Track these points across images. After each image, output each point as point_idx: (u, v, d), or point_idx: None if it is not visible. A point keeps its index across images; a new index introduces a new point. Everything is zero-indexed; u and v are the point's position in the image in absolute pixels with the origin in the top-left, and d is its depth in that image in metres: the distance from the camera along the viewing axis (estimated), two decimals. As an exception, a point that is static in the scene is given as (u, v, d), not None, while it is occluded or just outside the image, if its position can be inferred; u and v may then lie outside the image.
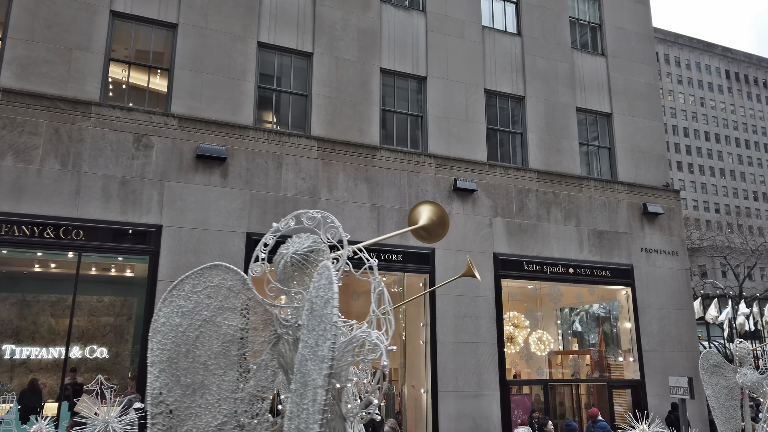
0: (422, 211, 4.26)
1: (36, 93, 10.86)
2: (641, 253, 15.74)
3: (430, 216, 4.19)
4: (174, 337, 2.88)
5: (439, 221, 4.20)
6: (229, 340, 3.01)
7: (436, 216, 4.20)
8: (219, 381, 2.88)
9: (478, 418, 12.87)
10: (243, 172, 12.11)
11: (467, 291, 13.47)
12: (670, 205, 16.55)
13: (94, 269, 12.50)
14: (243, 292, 3.11)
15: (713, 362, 7.74)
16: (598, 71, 17.00)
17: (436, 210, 4.24)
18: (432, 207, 4.28)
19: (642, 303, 15.35)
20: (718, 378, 7.68)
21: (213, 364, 2.88)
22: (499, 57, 15.66)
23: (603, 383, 14.77)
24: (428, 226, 4.21)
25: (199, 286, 3.12)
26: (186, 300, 3.03)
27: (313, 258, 3.26)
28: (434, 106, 14.44)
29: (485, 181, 14.36)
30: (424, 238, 4.41)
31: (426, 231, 4.28)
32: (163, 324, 2.94)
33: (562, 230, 14.96)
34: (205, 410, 2.71)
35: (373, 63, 14.03)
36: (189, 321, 2.95)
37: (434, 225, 4.19)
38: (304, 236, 3.35)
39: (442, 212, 4.27)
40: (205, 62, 12.39)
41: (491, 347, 13.41)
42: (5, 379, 11.55)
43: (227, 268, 3.12)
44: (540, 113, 15.71)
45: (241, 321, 3.08)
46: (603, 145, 16.63)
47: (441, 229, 4.26)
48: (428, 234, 4.34)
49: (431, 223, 4.19)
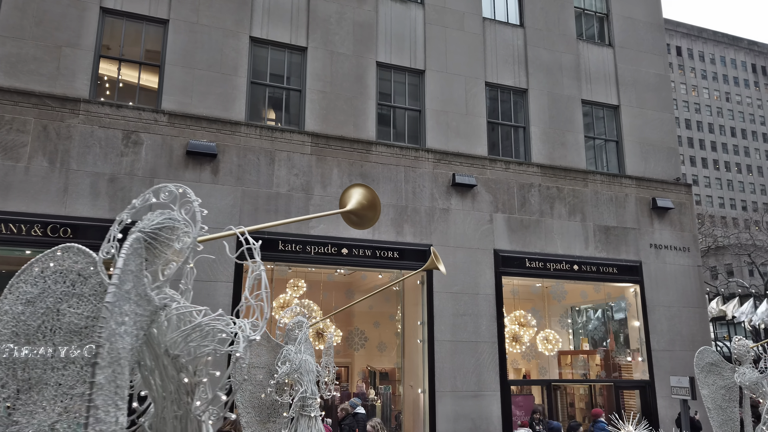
0: (352, 194, 3.99)
1: (25, 90, 10.83)
2: (650, 249, 15.20)
3: (359, 200, 3.92)
4: (14, 327, 2.67)
5: (369, 205, 3.92)
6: (73, 330, 2.76)
7: (366, 200, 3.92)
8: (58, 376, 2.64)
9: (477, 419, 12.51)
10: (234, 168, 11.94)
11: (466, 288, 13.12)
12: (681, 199, 15.97)
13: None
14: (93, 276, 2.83)
15: (710, 360, 7.30)
16: (605, 62, 16.49)
17: (366, 193, 3.96)
18: (363, 190, 4.00)
19: (651, 301, 14.81)
20: (714, 377, 7.24)
21: (53, 357, 2.64)
22: (500, 49, 15.28)
23: (609, 384, 14.28)
24: (357, 211, 3.93)
25: (47, 270, 2.88)
26: (33, 285, 2.81)
27: (164, 236, 2.94)
28: (432, 99, 14.12)
29: (485, 176, 13.99)
30: (355, 223, 4.13)
31: (356, 216, 4.01)
32: (5, 312, 2.72)
33: (567, 226, 14.51)
34: (40, 408, 2.50)
35: (369, 57, 13.77)
36: (32, 309, 2.73)
37: (364, 209, 3.91)
38: (157, 212, 3.01)
39: (373, 195, 3.99)
40: (197, 58, 12.26)
41: (491, 346, 13.04)
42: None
43: (79, 250, 2.86)
44: (543, 106, 15.28)
45: (89, 309, 2.82)
46: (610, 138, 16.12)
47: (372, 213, 3.98)
48: (359, 219, 4.06)
49: (360, 207, 3.91)
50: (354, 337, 13.16)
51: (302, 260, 12.09)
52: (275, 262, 11.99)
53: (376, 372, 14.02)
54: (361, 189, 3.98)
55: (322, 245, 12.17)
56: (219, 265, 11.39)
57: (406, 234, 12.96)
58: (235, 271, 11.46)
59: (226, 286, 11.34)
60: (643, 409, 13.92)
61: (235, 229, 3.32)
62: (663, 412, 13.89)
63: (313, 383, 5.30)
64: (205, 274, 11.26)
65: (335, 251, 12.26)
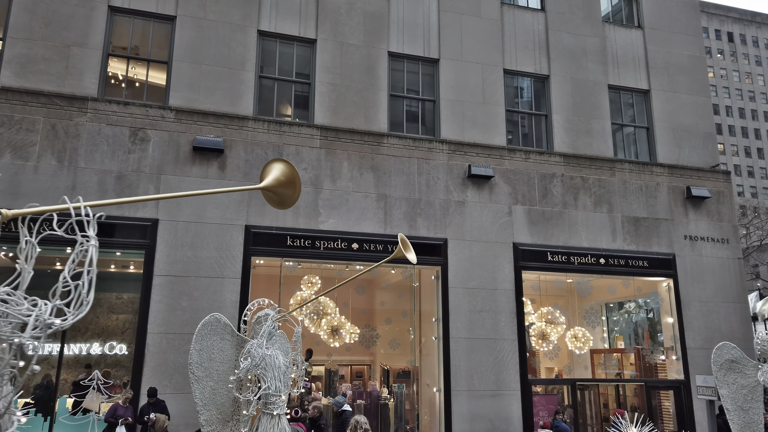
0: (270, 170, 3.64)
1: (34, 90, 10.95)
2: (685, 240, 14.31)
3: (276, 176, 3.57)
4: None
5: (287, 182, 3.57)
6: None
7: (284, 176, 3.56)
8: None
9: (496, 420, 11.99)
10: (242, 163, 11.79)
11: (484, 284, 12.61)
12: (719, 188, 14.98)
13: (113, 266, 12.56)
14: None
15: (730, 357, 6.64)
16: (634, 45, 15.65)
17: (285, 169, 3.60)
18: (282, 165, 3.65)
19: (686, 296, 13.93)
20: (735, 375, 6.58)
21: None
22: (519, 35, 14.67)
23: (641, 383, 13.48)
24: (274, 188, 3.58)
25: None
26: None
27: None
28: (447, 89, 13.65)
29: (504, 167, 13.43)
30: (275, 201, 3.79)
31: (274, 193, 3.66)
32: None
33: (592, 218, 13.79)
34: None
35: (380, 47, 13.42)
36: None
37: (281, 186, 3.56)
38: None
39: (292, 172, 3.63)
40: (204, 54, 12.18)
41: (511, 343, 12.48)
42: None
43: None
44: (566, 93, 14.59)
45: None
46: (640, 125, 15.27)
47: (290, 191, 3.62)
48: (277, 197, 3.71)
49: (277, 183, 3.56)
50: (365, 334, 12.81)
51: (311, 256, 11.84)
52: (284, 258, 11.78)
53: (390, 370, 13.64)
54: (280, 165, 3.64)
55: (332, 240, 11.89)
56: (226, 261, 11.26)
57: (420, 228, 12.55)
58: (242, 267, 11.30)
59: (233, 282, 11.20)
60: (677, 411, 13.09)
61: (71, 204, 2.98)
62: (700, 414, 13.00)
63: (278, 379, 4.98)
64: (213, 270, 11.15)
65: (345, 246, 11.96)
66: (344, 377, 14.33)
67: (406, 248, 5.30)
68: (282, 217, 11.77)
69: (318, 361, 13.35)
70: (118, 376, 11.29)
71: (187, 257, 11.08)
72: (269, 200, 3.77)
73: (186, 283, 10.93)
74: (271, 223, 11.69)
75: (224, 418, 4.97)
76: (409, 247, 5.37)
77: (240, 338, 5.22)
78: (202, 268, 11.11)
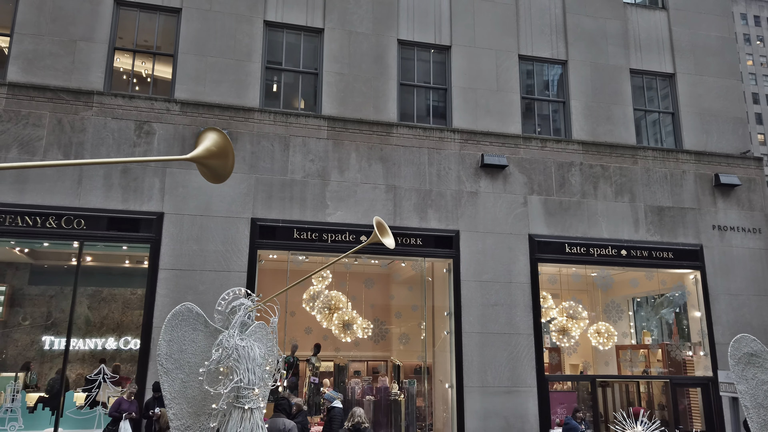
0: (202, 140, 3.37)
1: (40, 85, 10.98)
2: (713, 231, 13.61)
3: (207, 146, 3.30)
4: None
5: (219, 152, 3.29)
6: None
7: (216, 146, 3.29)
8: None
9: (511, 417, 11.57)
10: (248, 155, 11.63)
11: (498, 277, 12.19)
12: (750, 175, 14.20)
13: (128, 261, 12.57)
14: None
15: (749, 350, 6.13)
16: (658, 27, 14.96)
17: (217, 139, 3.32)
18: (214, 135, 3.37)
19: (714, 288, 13.25)
20: (755, 370, 6.07)
21: None
22: (535, 19, 14.16)
23: (665, 380, 12.87)
24: (204, 159, 3.31)
25: None
26: None
27: None
28: (460, 77, 13.25)
29: (519, 156, 12.97)
30: (207, 175, 3.52)
31: (204, 166, 3.39)
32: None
33: (613, 207, 13.22)
34: None
35: (389, 35, 13.09)
36: None
37: (212, 156, 3.28)
38: None
39: (225, 142, 3.34)
40: (210, 45, 12.05)
41: (527, 338, 12.04)
42: (46, 369, 11.84)
43: None
44: (585, 78, 14.02)
45: None
46: (665, 110, 14.60)
47: (222, 162, 3.35)
48: (208, 170, 3.43)
49: (208, 154, 3.29)
50: (375, 329, 12.52)
51: (319, 249, 11.60)
52: (291, 251, 11.58)
53: (401, 366, 13.32)
54: (212, 134, 3.38)
55: (339, 233, 11.64)
56: (232, 254, 11.11)
57: (431, 219, 12.20)
58: (248, 260, 11.14)
59: (239, 276, 11.04)
60: (705, 409, 12.45)
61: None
62: (729, 412, 12.32)
63: (251, 372, 4.73)
64: (218, 263, 11.02)
65: (353, 239, 11.69)
66: (360, 373, 14.08)
67: (383, 233, 4.97)
68: (289, 210, 11.57)
69: (327, 357, 13.13)
70: (133, 371, 11.27)
71: (193, 251, 10.97)
72: (204, 175, 3.52)
73: (192, 277, 10.82)
74: (277, 216, 11.50)
75: (195, 411, 4.75)
76: (386, 231, 5.05)
77: (214, 329, 4.99)
78: (207, 261, 10.99)
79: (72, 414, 10.18)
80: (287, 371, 11.68)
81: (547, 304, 14.42)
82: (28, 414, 10.12)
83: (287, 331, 11.90)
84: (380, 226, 4.96)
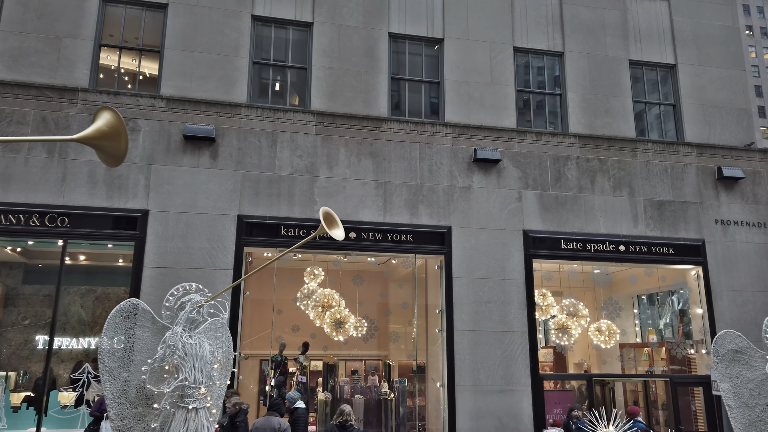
0: (95, 120, 3.17)
1: (26, 83, 10.91)
2: (715, 225, 13.20)
3: (98, 127, 3.09)
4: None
5: (112, 132, 3.08)
6: None
7: (107, 126, 3.08)
8: None
9: (504, 417, 11.29)
10: (234, 152, 11.47)
11: (491, 273, 11.91)
12: (755, 167, 13.77)
13: (121, 260, 12.48)
14: None
15: (734, 347, 5.82)
16: (659, 17, 14.57)
17: (110, 118, 3.12)
18: (108, 115, 3.17)
19: (717, 285, 12.84)
20: (740, 368, 5.76)
21: None
22: (531, 10, 13.84)
23: (665, 379, 12.49)
24: (94, 139, 3.11)
25: None
26: None
27: None
28: (452, 70, 12.98)
29: (513, 150, 12.67)
30: (102, 159, 3.31)
31: (96, 148, 3.18)
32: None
33: (611, 202, 12.87)
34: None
35: (380, 28, 12.86)
36: None
37: (104, 137, 3.07)
38: None
39: (117, 121, 3.14)
40: (197, 41, 11.92)
41: (521, 336, 11.74)
42: (40, 368, 11.78)
43: None
44: (583, 70, 13.68)
45: None
46: (666, 102, 14.20)
47: (116, 144, 3.14)
48: (102, 153, 3.23)
49: (98, 134, 3.08)
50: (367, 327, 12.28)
51: (307, 246, 11.38)
52: (278, 249, 11.40)
53: (391, 364, 13.08)
54: (106, 114, 3.18)
55: (327, 229, 11.41)
56: (218, 252, 10.96)
57: (422, 215, 11.95)
58: (234, 258, 10.98)
59: (225, 274, 10.89)
60: (707, 409, 12.06)
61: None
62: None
63: (198, 370, 4.54)
64: (204, 261, 10.87)
65: (342, 235, 11.45)
66: (357, 372, 13.86)
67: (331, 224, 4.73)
68: (276, 207, 11.40)
69: (317, 356, 12.93)
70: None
71: (178, 248, 10.84)
72: (101, 158, 3.32)
73: (177, 275, 10.67)
74: (264, 212, 11.33)
75: (139, 412, 4.57)
76: (335, 222, 4.80)
77: (162, 326, 4.80)
78: (193, 259, 10.84)
79: (55, 413, 10.09)
80: (275, 370, 11.51)
81: (548, 302, 14.10)
82: (12, 413, 10.04)
83: (274, 330, 11.72)
84: (328, 218, 4.73)
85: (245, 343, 13.41)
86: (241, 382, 13.23)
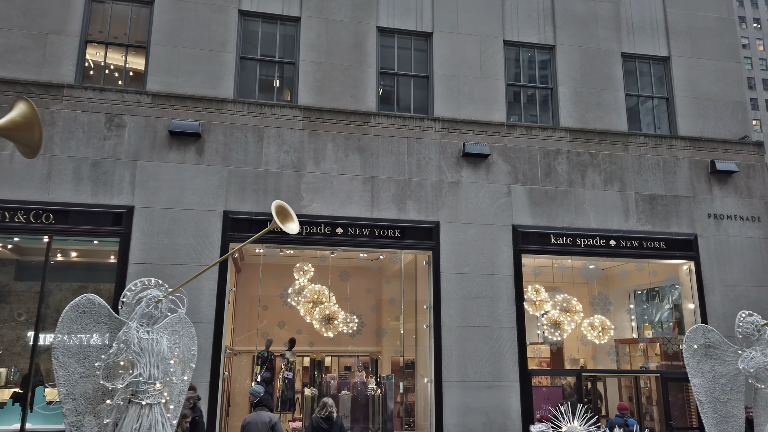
0: (10, 111, 3.12)
1: (11, 80, 10.91)
2: (708, 219, 13.06)
3: (11, 118, 3.05)
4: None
5: (24, 123, 3.04)
6: None
7: (20, 116, 3.05)
8: None
9: (492, 413, 11.23)
10: (220, 147, 11.43)
11: (480, 269, 11.83)
12: (749, 161, 13.60)
13: (113, 257, 12.49)
14: None
15: (706, 342, 5.73)
16: (652, 9, 14.40)
17: (24, 109, 3.08)
18: (22, 105, 3.14)
19: (709, 280, 12.71)
20: (712, 363, 5.67)
21: None
22: (522, 2, 13.71)
23: (656, 375, 12.38)
24: (7, 130, 3.06)
25: None
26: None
27: None
28: (442, 64, 12.88)
29: (503, 144, 12.57)
30: (20, 150, 3.26)
31: (13, 140, 3.14)
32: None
33: (602, 196, 12.75)
34: None
35: (368, 22, 12.78)
36: None
37: (17, 128, 3.03)
38: None
39: (30, 111, 3.10)
40: (183, 36, 11.88)
41: (510, 332, 11.67)
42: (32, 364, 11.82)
43: None
44: (575, 63, 13.55)
45: None
46: (659, 95, 14.04)
47: (30, 135, 3.09)
48: (21, 145, 3.18)
49: (12, 125, 3.04)
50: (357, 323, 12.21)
51: (293, 241, 11.37)
52: (265, 244, 11.36)
53: (378, 360, 13.03)
54: (20, 105, 3.14)
55: (314, 225, 11.39)
56: (204, 248, 10.95)
57: (410, 211, 11.88)
58: (220, 254, 10.95)
59: (211, 270, 10.86)
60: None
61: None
62: (724, 409, 11.81)
63: (153, 366, 4.50)
64: (190, 257, 10.86)
65: (329, 231, 11.43)
66: (351, 368, 13.83)
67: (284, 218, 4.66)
68: (262, 202, 11.36)
69: (304, 352, 12.90)
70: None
71: (164, 244, 10.82)
72: (18, 149, 3.28)
73: (162, 271, 10.65)
74: (251, 208, 11.29)
75: (93, 407, 4.54)
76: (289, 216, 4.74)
77: (120, 321, 4.77)
78: (179, 255, 10.83)
79: (41, 409, 10.12)
80: (261, 366, 11.50)
81: (541, 297, 13.99)
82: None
83: (259, 326, 11.70)
84: (281, 211, 4.67)
85: (237, 339, 13.42)
86: (233, 378, 13.23)
